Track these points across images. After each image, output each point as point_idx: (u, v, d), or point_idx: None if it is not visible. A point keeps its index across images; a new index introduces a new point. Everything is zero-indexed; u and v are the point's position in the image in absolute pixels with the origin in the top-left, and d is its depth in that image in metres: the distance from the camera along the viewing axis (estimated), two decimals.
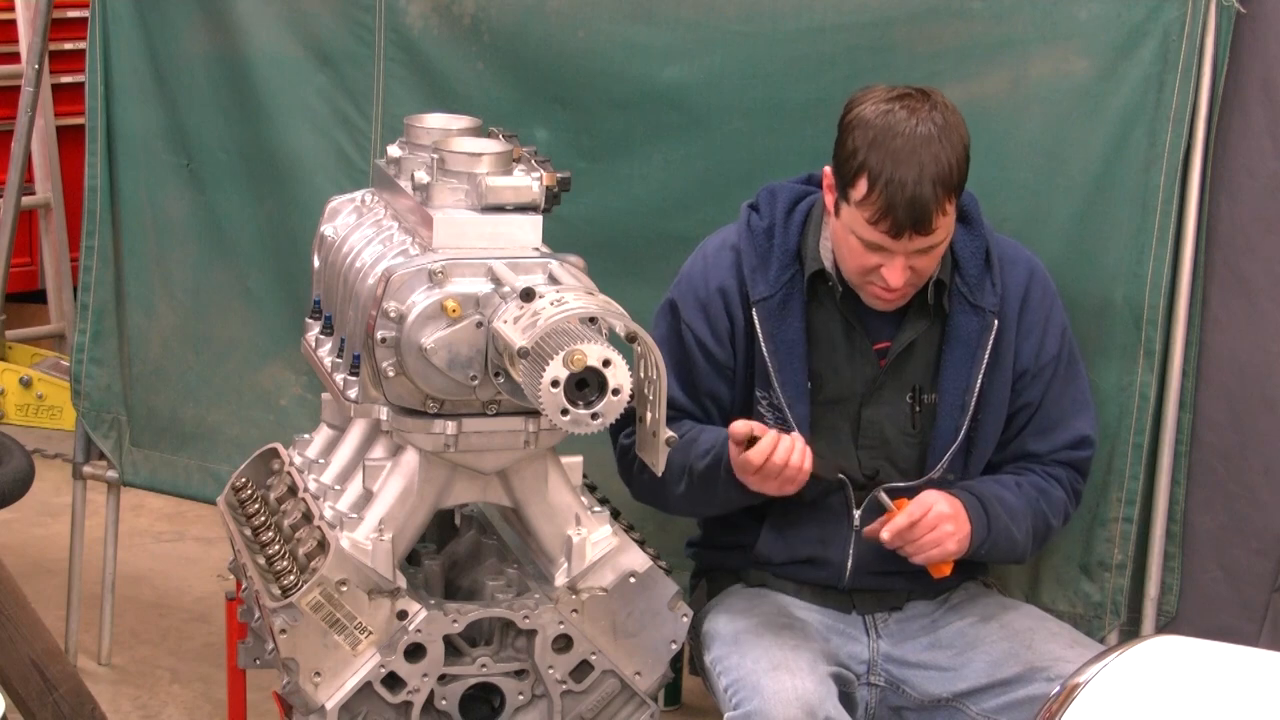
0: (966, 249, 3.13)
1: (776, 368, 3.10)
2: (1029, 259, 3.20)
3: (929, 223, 2.93)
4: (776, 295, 3.11)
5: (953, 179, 2.95)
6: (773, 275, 3.12)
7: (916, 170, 2.92)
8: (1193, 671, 2.28)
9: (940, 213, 2.94)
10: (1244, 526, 3.38)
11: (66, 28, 5.56)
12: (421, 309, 2.84)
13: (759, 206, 3.20)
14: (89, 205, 4.15)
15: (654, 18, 3.63)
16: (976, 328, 3.11)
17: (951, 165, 2.94)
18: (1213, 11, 3.22)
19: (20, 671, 3.43)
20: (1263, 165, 3.29)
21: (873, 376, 3.14)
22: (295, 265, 3.86)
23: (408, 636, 2.92)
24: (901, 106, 2.97)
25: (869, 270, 3.02)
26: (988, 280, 3.12)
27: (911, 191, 2.91)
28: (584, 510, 3.01)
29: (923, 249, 2.98)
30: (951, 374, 3.12)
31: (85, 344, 4.20)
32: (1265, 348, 3.34)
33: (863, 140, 2.96)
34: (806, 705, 2.88)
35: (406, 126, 3.20)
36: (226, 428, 4.17)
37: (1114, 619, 3.45)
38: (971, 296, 3.11)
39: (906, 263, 2.98)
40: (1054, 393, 3.19)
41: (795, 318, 3.12)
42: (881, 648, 3.16)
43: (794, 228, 3.14)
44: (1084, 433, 3.23)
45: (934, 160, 2.93)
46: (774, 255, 3.13)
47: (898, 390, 3.14)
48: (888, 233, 2.94)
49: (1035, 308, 3.17)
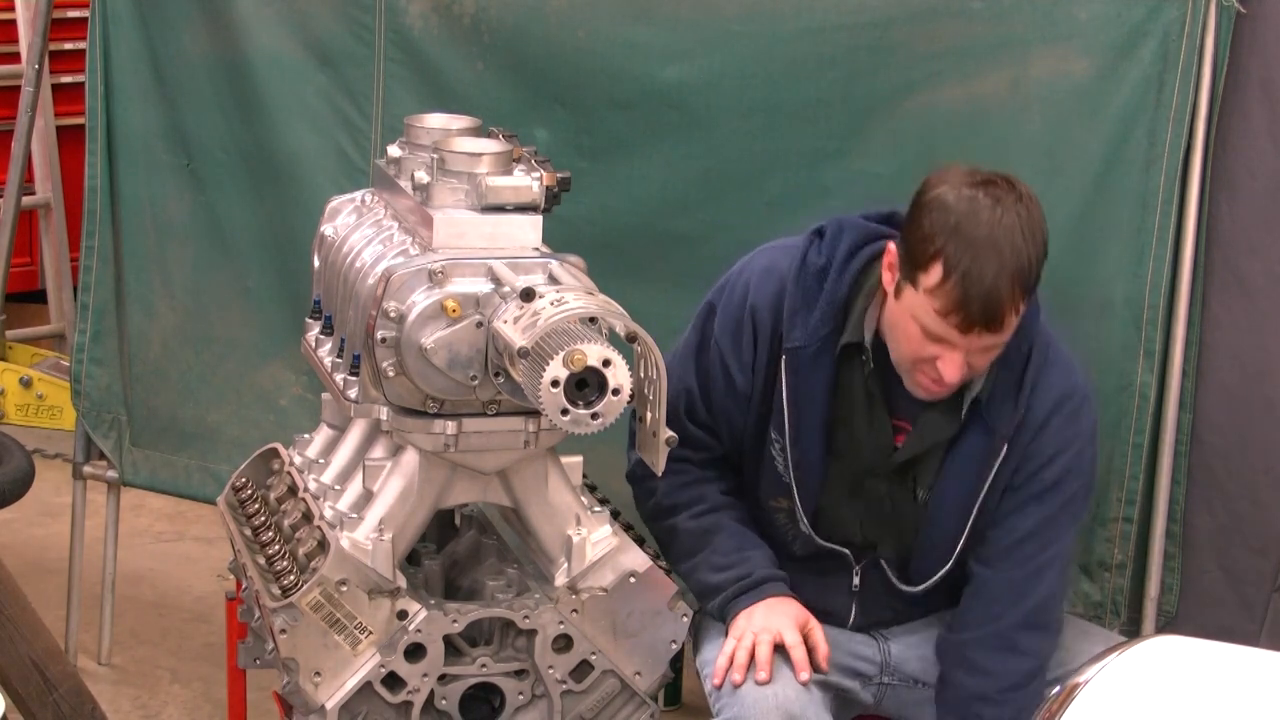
0: (1005, 363, 2.92)
1: (793, 420, 2.99)
2: (1067, 388, 2.97)
3: (1001, 321, 2.76)
4: (810, 347, 2.95)
5: (1031, 277, 2.78)
6: (812, 324, 2.94)
7: (996, 264, 2.73)
8: (1193, 671, 2.28)
9: (1014, 311, 2.77)
10: (1244, 526, 3.39)
11: (66, 28, 5.55)
12: (421, 309, 2.84)
13: (824, 237, 3.00)
14: (89, 205, 4.15)
15: (654, 18, 3.63)
16: (984, 449, 2.95)
17: (1032, 262, 2.77)
18: (1213, 11, 3.23)
19: (20, 671, 3.43)
20: (1263, 165, 3.29)
21: (885, 453, 2.99)
22: (295, 265, 3.86)
23: (408, 636, 2.92)
24: (986, 194, 2.77)
25: (923, 360, 2.84)
26: (1012, 401, 2.93)
27: (990, 286, 2.73)
28: (584, 510, 3.01)
29: (986, 346, 2.82)
30: (948, 488, 2.99)
31: (85, 344, 4.20)
32: (1265, 348, 3.34)
33: (942, 225, 2.76)
34: (786, 713, 2.88)
35: (406, 126, 3.20)
36: (226, 428, 4.17)
37: (1114, 619, 3.45)
38: (989, 416, 2.94)
39: (966, 359, 2.82)
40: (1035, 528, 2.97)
41: (824, 373, 2.96)
42: (893, 651, 3.15)
43: (848, 277, 2.95)
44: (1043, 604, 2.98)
45: (1015, 254, 2.74)
46: (819, 303, 2.95)
47: (903, 474, 3.01)
48: (957, 326, 2.76)
49: (1053, 436, 2.96)
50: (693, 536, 3.07)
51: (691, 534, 3.08)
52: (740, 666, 2.92)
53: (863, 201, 3.52)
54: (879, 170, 3.51)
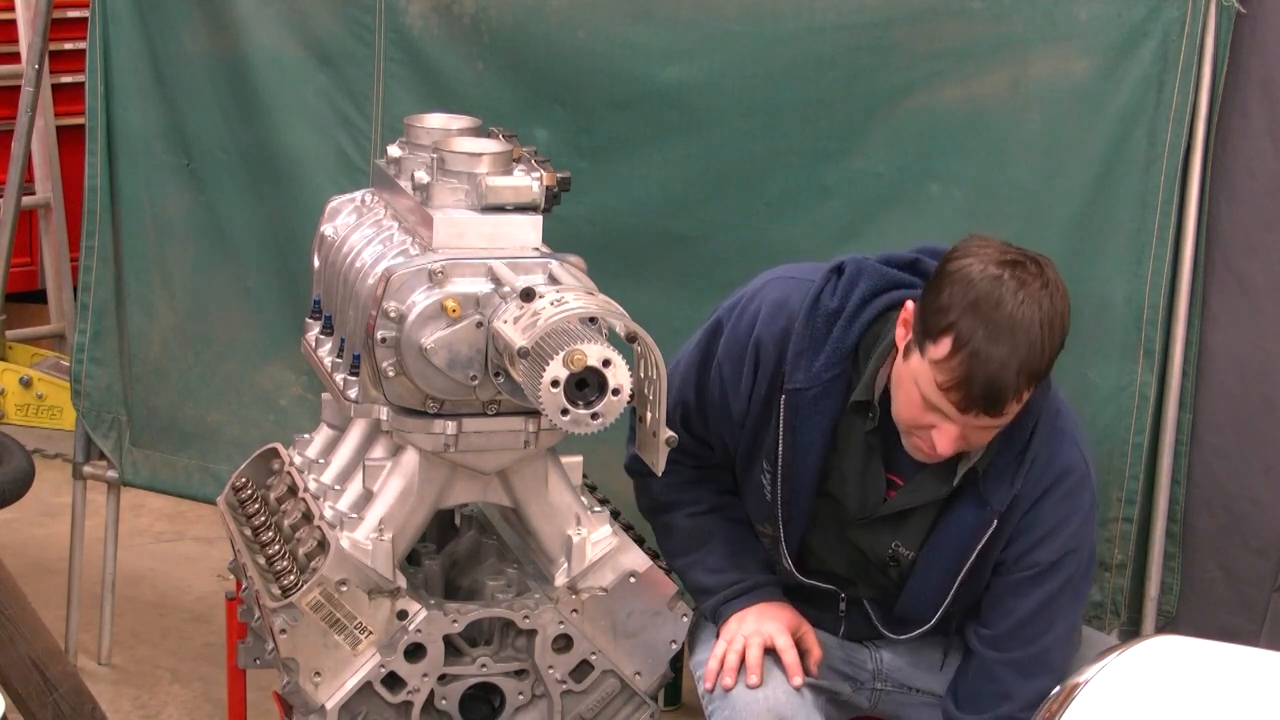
0: (1006, 434, 2.84)
1: (787, 459, 2.94)
2: (1065, 466, 2.89)
3: (1001, 408, 2.70)
4: (812, 390, 2.89)
5: (1041, 369, 2.70)
6: (816, 368, 2.88)
7: (1008, 350, 2.66)
8: (1193, 671, 2.28)
9: (1016, 400, 2.70)
10: (1244, 526, 3.39)
11: (66, 28, 5.56)
12: (421, 309, 2.84)
13: (841, 276, 2.91)
14: (89, 205, 4.15)
15: (654, 18, 3.63)
16: (975, 520, 2.89)
17: (1046, 354, 2.69)
18: (1213, 11, 3.22)
19: (20, 671, 3.43)
20: (1263, 165, 3.29)
21: (874, 504, 2.93)
22: (295, 265, 3.86)
23: (408, 636, 2.92)
24: (1012, 276, 2.68)
25: (920, 426, 2.78)
26: (1009, 477, 2.86)
27: (995, 372, 2.66)
28: (584, 510, 3.01)
29: (985, 426, 2.75)
30: (933, 554, 2.93)
31: (85, 344, 4.20)
32: (1265, 348, 3.34)
33: (961, 298, 2.67)
34: (777, 715, 2.88)
35: (406, 126, 3.20)
36: (226, 428, 4.17)
37: (1114, 619, 3.45)
38: (984, 489, 2.87)
39: (962, 433, 2.75)
40: (1039, 610, 2.90)
41: (824, 419, 2.90)
42: (885, 659, 3.14)
43: (858, 327, 2.88)
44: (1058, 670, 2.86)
45: (1029, 345, 2.67)
46: (825, 348, 2.88)
47: (888, 529, 2.96)
48: (956, 404, 2.70)
49: (1047, 513, 2.88)
50: (688, 535, 3.08)
51: (687, 533, 3.08)
52: (730, 669, 2.92)
53: (863, 202, 3.53)
54: (879, 170, 3.51)
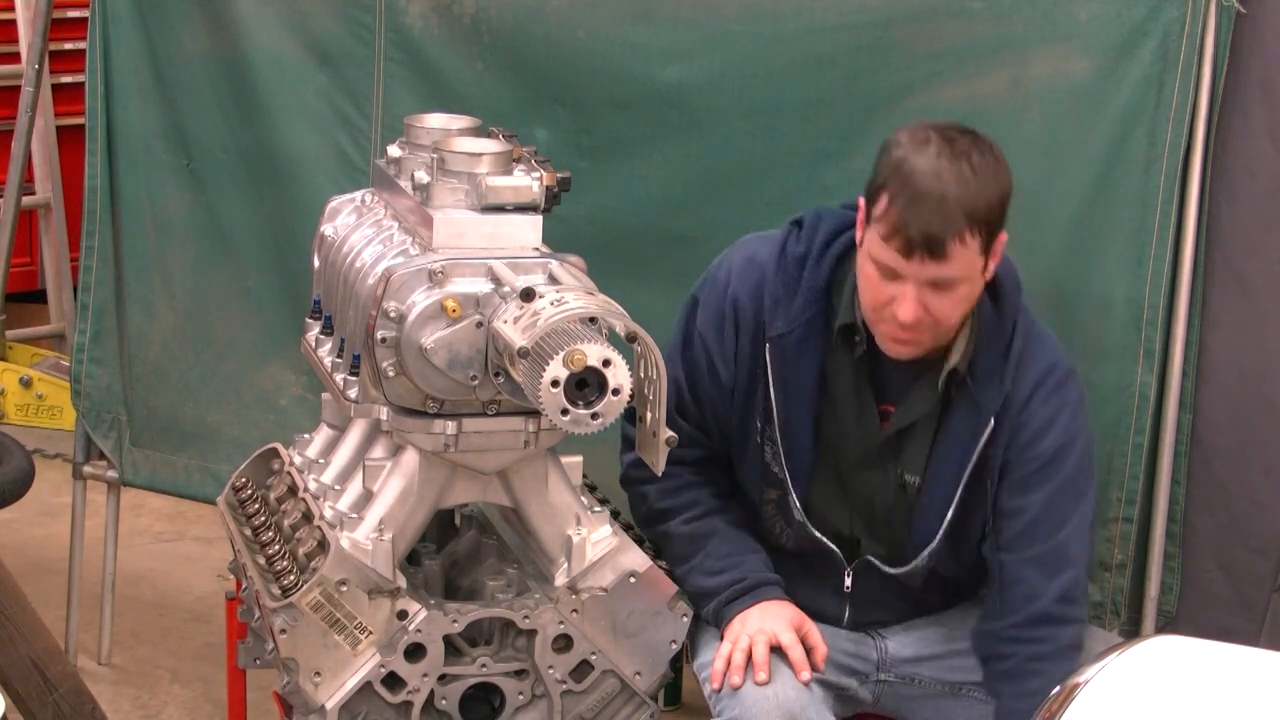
0: (989, 339, 2.92)
1: (782, 410, 2.99)
2: (1051, 362, 2.97)
3: (943, 247, 2.74)
4: (794, 333, 2.96)
5: (979, 209, 2.75)
6: (795, 310, 2.96)
7: (940, 189, 2.74)
8: (1193, 671, 2.28)
9: (958, 240, 2.75)
10: (1244, 526, 3.39)
11: (66, 28, 5.55)
12: (421, 309, 2.84)
13: (802, 227, 3.01)
14: (89, 205, 4.15)
15: (654, 18, 3.63)
16: (972, 425, 2.94)
17: (980, 196, 2.75)
18: (1213, 11, 3.23)
19: (20, 671, 3.43)
20: (1263, 165, 3.29)
21: (872, 440, 2.99)
22: (295, 265, 3.86)
23: (408, 636, 2.92)
24: (941, 136, 2.79)
25: (884, 305, 2.82)
26: (998, 378, 2.92)
27: (930, 209, 2.73)
28: (584, 510, 3.01)
29: (936, 281, 2.78)
30: (938, 468, 2.98)
31: (85, 344, 4.20)
32: (1265, 348, 3.34)
33: (893, 160, 2.80)
34: (787, 713, 2.88)
35: (406, 126, 3.20)
36: (226, 428, 4.17)
37: (1114, 619, 3.45)
38: (976, 391, 2.93)
39: (919, 296, 2.79)
40: (1049, 504, 2.95)
41: (810, 362, 2.97)
42: (890, 648, 3.15)
43: (827, 263, 2.96)
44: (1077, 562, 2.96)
45: (962, 184, 2.74)
46: (800, 289, 2.96)
47: (891, 460, 3.01)
48: (900, 250, 2.76)
49: (1036, 407, 2.94)
50: (686, 541, 3.07)
51: (685, 539, 3.08)
52: (738, 668, 2.92)
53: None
54: None
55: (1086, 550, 3.02)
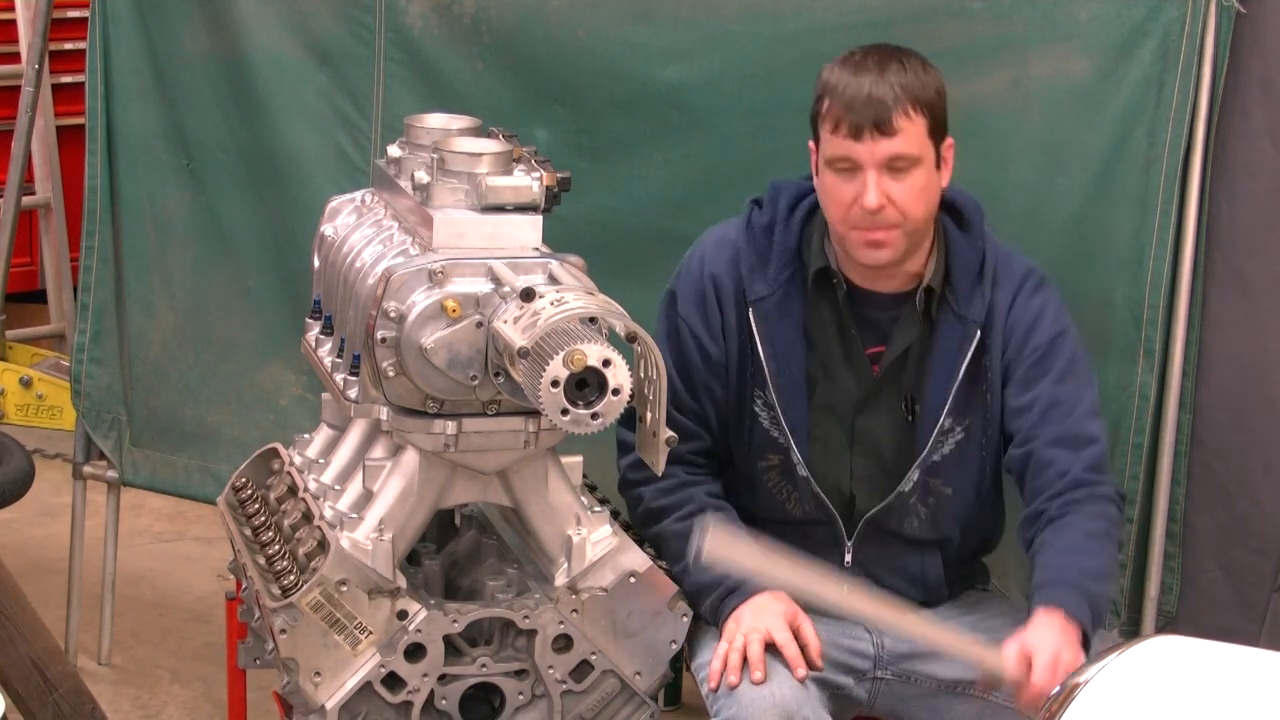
0: (961, 257, 3.04)
1: (774, 371, 3.06)
2: (1026, 268, 3.09)
3: (889, 121, 2.88)
4: (774, 295, 3.07)
5: (914, 87, 2.91)
6: (771, 274, 3.07)
7: (876, 75, 2.91)
8: (1193, 671, 2.28)
9: (903, 114, 2.89)
10: (1244, 526, 3.39)
11: (66, 28, 5.56)
12: (421, 309, 2.84)
13: (762, 202, 3.15)
14: (89, 205, 4.15)
15: (654, 18, 3.63)
16: (959, 338, 3.04)
17: (914, 80, 2.91)
18: (1213, 11, 3.23)
19: (20, 671, 3.43)
20: (1263, 165, 3.29)
21: (867, 383, 3.08)
22: (295, 265, 3.86)
23: (408, 636, 2.92)
24: (865, 50, 2.97)
25: (850, 205, 2.93)
26: (978, 291, 3.03)
27: (869, 90, 2.89)
28: (584, 510, 3.01)
29: (892, 162, 2.90)
30: (933, 384, 3.06)
31: (85, 344, 4.20)
32: (1265, 348, 3.34)
33: (824, 78, 2.97)
34: (784, 711, 2.88)
35: (406, 126, 3.20)
36: (226, 428, 4.17)
37: (1114, 619, 3.45)
38: (958, 306, 3.02)
39: (880, 182, 2.90)
40: (1056, 391, 3.04)
41: (794, 319, 3.07)
42: (886, 644, 3.15)
43: (795, 225, 3.08)
44: (1097, 436, 3.04)
45: (896, 72, 2.91)
46: (773, 253, 3.07)
47: (892, 398, 3.08)
48: (850, 135, 2.90)
49: (1021, 306, 3.06)
50: (680, 540, 3.07)
51: (678, 537, 3.08)
52: (734, 668, 2.93)
53: None
54: None
55: (1103, 432, 3.08)
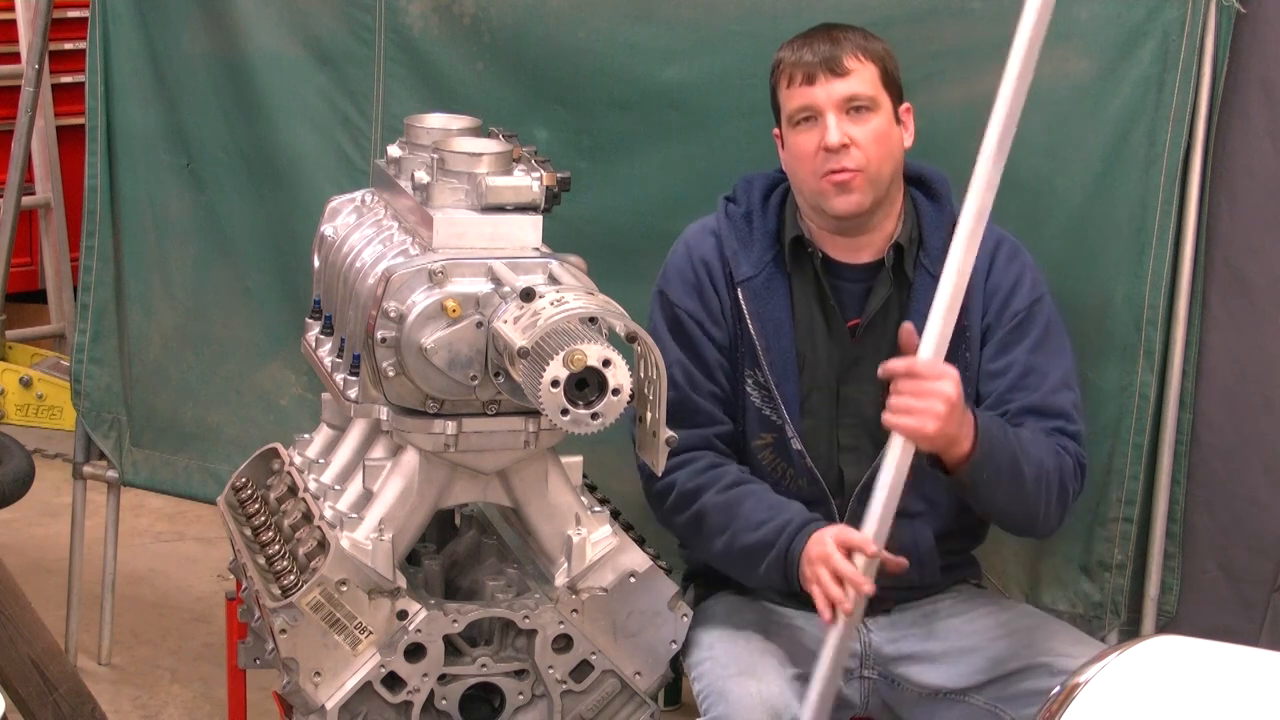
0: (932, 221, 3.13)
1: (765, 347, 3.11)
2: (997, 233, 3.12)
3: (840, 61, 3.02)
4: (760, 274, 3.13)
5: (862, 39, 3.06)
6: (755, 255, 3.14)
7: (823, 34, 3.08)
8: (1193, 671, 2.28)
9: (853, 56, 3.03)
10: (1244, 526, 3.39)
11: (66, 28, 5.57)
12: (421, 309, 2.84)
13: (736, 196, 3.22)
14: (89, 205, 4.15)
15: (654, 18, 3.64)
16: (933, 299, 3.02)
17: (861, 35, 3.07)
18: (1212, 11, 3.23)
19: (20, 671, 3.44)
20: (1263, 165, 3.29)
21: (848, 352, 3.14)
22: (295, 265, 3.86)
23: (408, 636, 2.92)
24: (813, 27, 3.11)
25: (815, 154, 3.04)
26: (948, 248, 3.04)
27: (818, 40, 3.06)
28: (584, 510, 3.01)
29: (848, 103, 3.02)
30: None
31: (85, 344, 4.20)
32: (1265, 348, 3.34)
33: (776, 57, 3.13)
34: (772, 710, 2.88)
35: (406, 126, 3.20)
36: (226, 428, 4.17)
37: (1114, 619, 3.45)
38: (933, 267, 3.06)
39: (840, 124, 3.02)
40: (1031, 359, 3.09)
41: (780, 297, 3.13)
42: (874, 642, 3.15)
43: (772, 210, 3.18)
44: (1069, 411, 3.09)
45: (843, 30, 3.08)
46: (755, 237, 3.15)
47: (874, 365, 3.01)
48: (805, 81, 3.04)
49: (1000, 271, 3.12)
50: (721, 510, 3.07)
51: (720, 508, 3.07)
52: (840, 598, 2.84)
53: None
54: None
55: (1074, 405, 3.11)
